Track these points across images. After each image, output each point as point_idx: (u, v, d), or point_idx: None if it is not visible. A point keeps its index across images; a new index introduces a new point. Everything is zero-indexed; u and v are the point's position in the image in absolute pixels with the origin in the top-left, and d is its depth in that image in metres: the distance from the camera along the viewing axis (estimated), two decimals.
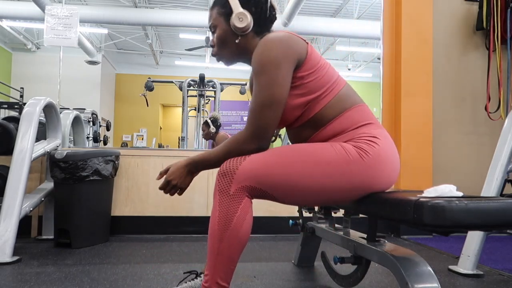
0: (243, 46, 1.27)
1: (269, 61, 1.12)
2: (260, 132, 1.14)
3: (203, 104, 5.61)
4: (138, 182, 2.76)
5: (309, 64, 1.17)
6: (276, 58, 1.12)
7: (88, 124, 5.31)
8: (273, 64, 1.12)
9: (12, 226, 1.98)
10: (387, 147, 1.16)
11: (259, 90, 1.14)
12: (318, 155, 1.12)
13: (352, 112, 1.20)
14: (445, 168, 2.97)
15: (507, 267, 1.96)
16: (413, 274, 1.02)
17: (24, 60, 9.85)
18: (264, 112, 1.13)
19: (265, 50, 1.13)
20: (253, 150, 1.15)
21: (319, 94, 1.18)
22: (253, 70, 1.17)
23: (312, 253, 1.94)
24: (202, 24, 7.34)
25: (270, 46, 1.13)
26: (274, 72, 1.12)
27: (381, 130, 1.21)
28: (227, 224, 1.09)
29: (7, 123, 2.51)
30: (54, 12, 3.17)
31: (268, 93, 1.12)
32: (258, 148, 1.15)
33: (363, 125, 1.19)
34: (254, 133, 1.14)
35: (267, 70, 1.12)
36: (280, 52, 1.12)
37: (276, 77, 1.12)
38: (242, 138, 1.16)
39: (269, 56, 1.12)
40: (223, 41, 1.28)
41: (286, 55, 1.13)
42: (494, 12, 2.94)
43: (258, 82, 1.14)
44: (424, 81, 2.91)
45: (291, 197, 1.13)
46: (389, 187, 1.20)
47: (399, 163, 1.21)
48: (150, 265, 1.91)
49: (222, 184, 1.11)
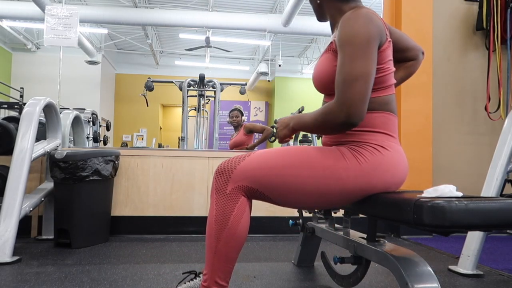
0: (337, 9, 1.26)
1: (360, 34, 1.06)
2: (348, 107, 1.03)
3: (203, 104, 5.61)
4: (138, 182, 2.76)
5: (381, 56, 1.14)
6: (368, 34, 1.07)
7: (88, 124, 5.31)
8: (364, 39, 1.06)
9: (12, 226, 1.98)
10: (392, 159, 1.14)
11: (348, 62, 1.06)
12: (315, 159, 1.12)
13: (379, 115, 1.16)
14: (445, 168, 2.97)
15: (507, 267, 1.96)
16: (413, 274, 1.02)
17: (24, 60, 9.85)
18: (353, 85, 1.04)
19: (357, 23, 1.07)
20: (339, 124, 1.06)
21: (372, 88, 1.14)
22: (340, 42, 1.10)
23: (312, 253, 1.94)
24: (202, 24, 7.34)
25: (362, 22, 1.08)
26: (364, 46, 1.06)
27: (394, 144, 1.17)
28: (224, 223, 1.10)
29: (7, 123, 2.51)
30: (54, 12, 3.17)
31: (358, 65, 1.05)
32: (344, 123, 1.05)
33: (379, 133, 1.16)
34: (342, 107, 1.04)
35: (357, 43, 1.06)
36: (371, 29, 1.08)
37: (366, 51, 1.06)
38: (329, 110, 1.07)
39: (361, 30, 1.07)
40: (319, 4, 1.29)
41: (375, 34, 1.08)
42: (494, 12, 2.94)
43: (347, 54, 1.07)
44: (424, 81, 2.91)
45: (286, 199, 1.13)
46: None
47: (404, 176, 1.18)
48: (150, 265, 1.91)
49: (219, 183, 1.12)
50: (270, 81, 11.81)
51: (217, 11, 8.10)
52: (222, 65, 11.13)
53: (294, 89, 11.51)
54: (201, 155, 2.85)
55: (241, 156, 1.15)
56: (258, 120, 11.40)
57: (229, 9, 8.21)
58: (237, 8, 8.23)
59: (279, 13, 7.92)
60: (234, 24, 7.40)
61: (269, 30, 7.53)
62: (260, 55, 10.78)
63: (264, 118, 11.54)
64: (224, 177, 1.11)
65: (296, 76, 11.60)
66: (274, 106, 11.49)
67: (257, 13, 8.07)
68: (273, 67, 10.44)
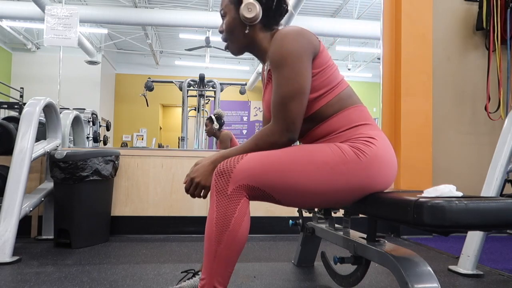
0: (251, 36, 1.27)
1: (290, 53, 1.11)
2: (289, 125, 1.12)
3: (203, 104, 5.62)
4: (138, 182, 2.76)
5: (320, 61, 1.17)
6: (298, 51, 1.12)
7: (88, 124, 5.31)
8: (295, 56, 1.11)
9: (12, 226, 1.98)
10: (384, 148, 1.16)
11: (283, 83, 1.12)
12: (315, 154, 1.11)
13: (350, 111, 1.20)
14: (445, 168, 2.97)
15: (507, 267, 1.96)
16: (413, 274, 1.02)
17: (24, 60, 9.85)
18: (291, 104, 1.11)
19: (286, 42, 1.12)
20: (284, 143, 1.14)
21: (322, 93, 1.18)
22: (272, 63, 1.15)
23: (312, 253, 1.94)
24: (202, 24, 7.34)
25: (291, 39, 1.13)
26: (297, 64, 1.11)
27: (378, 132, 1.20)
28: (225, 226, 1.07)
29: (7, 123, 2.51)
30: (54, 12, 3.17)
31: (293, 84, 1.11)
32: (289, 140, 1.14)
33: (360, 125, 1.19)
34: (283, 126, 1.12)
35: (290, 62, 1.11)
36: (300, 45, 1.12)
37: (299, 69, 1.12)
38: (271, 132, 1.14)
39: (290, 48, 1.12)
40: (232, 29, 1.28)
41: (306, 48, 1.13)
42: (494, 12, 2.94)
43: (281, 75, 1.13)
44: (424, 81, 2.91)
45: (289, 196, 1.12)
46: (387, 188, 1.19)
47: (396, 164, 1.20)
48: (150, 265, 1.91)
49: (219, 184, 1.08)
50: None
51: (217, 11, 8.09)
52: (222, 65, 11.13)
53: None
54: (201, 155, 2.85)
55: (239, 155, 1.13)
56: (258, 120, 11.41)
57: None
58: None
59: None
60: None
61: None
62: None
63: None
64: (224, 178, 1.08)
65: None
66: None
67: None
68: None
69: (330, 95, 1.19)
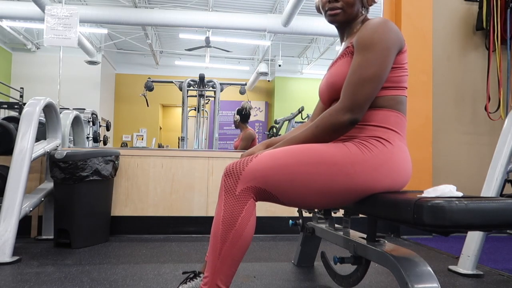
0: (358, 15, 1.30)
1: (381, 40, 1.15)
2: (355, 106, 1.12)
3: (203, 104, 5.61)
4: (138, 182, 2.76)
5: (399, 59, 1.20)
6: (388, 41, 1.15)
7: (88, 124, 5.31)
8: (384, 45, 1.15)
9: (12, 226, 1.98)
10: (398, 154, 1.16)
11: (366, 65, 1.14)
12: (323, 155, 1.12)
13: (393, 114, 1.20)
14: (445, 168, 2.97)
15: (507, 267, 1.96)
16: (413, 274, 1.02)
17: (24, 60, 9.85)
18: (366, 87, 1.13)
19: (381, 30, 1.16)
20: (346, 122, 1.13)
21: (386, 86, 1.20)
22: (361, 45, 1.17)
23: (312, 253, 1.94)
24: (202, 24, 7.34)
25: (385, 29, 1.16)
26: (384, 52, 1.14)
27: (400, 143, 1.20)
28: (231, 225, 1.09)
29: (7, 123, 2.51)
30: (54, 12, 3.17)
31: (375, 70, 1.13)
32: (351, 120, 1.13)
33: (390, 130, 1.19)
34: (350, 105, 1.13)
35: (378, 48, 1.14)
36: (392, 37, 1.16)
37: (384, 57, 1.14)
38: (335, 111, 1.15)
39: (382, 37, 1.15)
40: (353, 3, 1.28)
41: (395, 42, 1.17)
42: (494, 12, 2.94)
43: (366, 57, 1.14)
44: (424, 81, 2.91)
45: (295, 199, 1.13)
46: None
47: (409, 173, 1.19)
48: (150, 265, 1.91)
49: (228, 184, 1.11)
50: (270, 81, 11.82)
51: (217, 11, 8.10)
52: (222, 65, 11.13)
53: (294, 89, 11.51)
54: (201, 155, 2.85)
55: (249, 157, 1.14)
56: (258, 120, 11.41)
57: (229, 9, 8.21)
58: (237, 8, 8.22)
59: (279, 13, 7.92)
60: (234, 24, 7.40)
61: (269, 30, 7.53)
62: (260, 55, 10.79)
63: (264, 118, 11.54)
64: (233, 178, 1.10)
65: (296, 76, 11.60)
66: (274, 106, 11.50)
67: (257, 13, 8.07)
68: (273, 67, 10.44)
69: (391, 92, 1.20)
